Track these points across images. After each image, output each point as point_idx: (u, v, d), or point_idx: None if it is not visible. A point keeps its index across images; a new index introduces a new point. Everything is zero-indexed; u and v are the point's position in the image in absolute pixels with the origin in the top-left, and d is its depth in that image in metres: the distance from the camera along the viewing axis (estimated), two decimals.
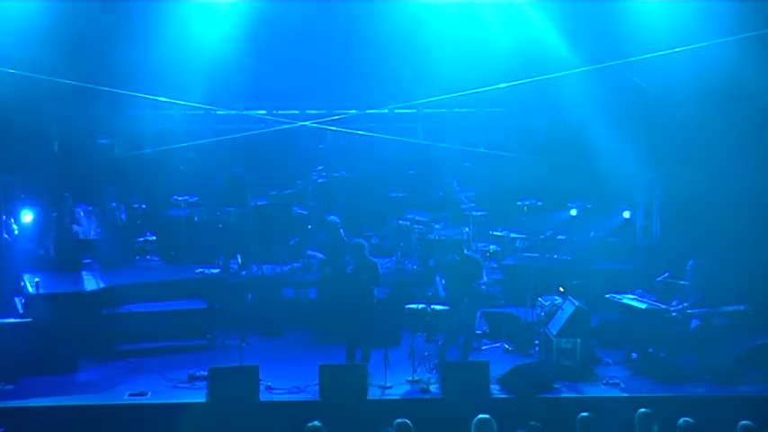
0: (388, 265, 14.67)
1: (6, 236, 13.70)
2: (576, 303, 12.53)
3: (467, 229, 14.97)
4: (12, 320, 12.56)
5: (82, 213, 14.50)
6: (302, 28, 15.26)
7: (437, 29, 14.95)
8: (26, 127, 14.59)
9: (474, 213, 15.75)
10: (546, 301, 12.97)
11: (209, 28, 14.73)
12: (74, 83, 13.88)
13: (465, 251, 12.83)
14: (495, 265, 14.85)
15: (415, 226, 15.38)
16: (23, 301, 12.79)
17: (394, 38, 15.00)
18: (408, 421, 9.23)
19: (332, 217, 14.05)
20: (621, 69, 14.15)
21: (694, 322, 12.41)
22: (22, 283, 13.05)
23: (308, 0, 14.91)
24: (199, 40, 14.83)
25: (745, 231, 13.28)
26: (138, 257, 14.86)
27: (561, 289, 13.23)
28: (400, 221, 15.69)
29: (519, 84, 14.36)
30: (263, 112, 16.34)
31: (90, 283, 13.32)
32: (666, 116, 14.27)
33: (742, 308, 12.49)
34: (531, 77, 14.27)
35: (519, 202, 15.96)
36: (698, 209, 14.00)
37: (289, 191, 15.94)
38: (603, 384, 12.04)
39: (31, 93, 14.00)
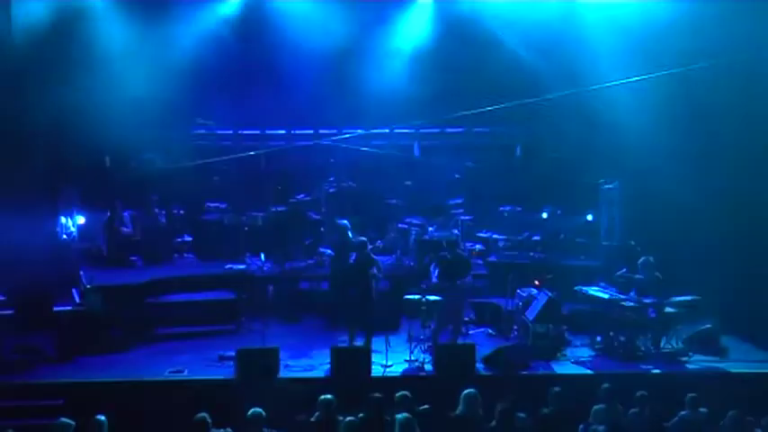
0: (389, 262, 14.52)
1: (65, 236, 13.65)
2: (549, 294, 12.56)
3: (456, 231, 14.89)
4: (70, 308, 12.62)
5: (129, 217, 14.50)
6: (319, 64, 15.28)
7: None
8: (83, 144, 14.47)
9: (462, 218, 15.70)
10: (523, 293, 13.00)
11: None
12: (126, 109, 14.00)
13: (457, 251, 12.77)
14: (481, 262, 14.79)
15: (412, 229, 15.38)
16: (80, 292, 12.80)
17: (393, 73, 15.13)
18: (408, 393, 9.38)
19: (341, 221, 13.96)
20: (587, 94, 14.09)
21: (650, 311, 12.33)
22: (79, 277, 12.99)
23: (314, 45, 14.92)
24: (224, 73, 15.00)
25: (693, 231, 13.19)
26: (176, 255, 14.86)
27: (536, 282, 13.21)
28: (399, 225, 15.66)
29: (500, 107, 14.32)
30: (283, 131, 16.35)
31: (135, 276, 13.30)
32: (625, 134, 14.11)
33: (690, 298, 12.43)
34: (512, 102, 14.20)
35: (500, 208, 15.91)
36: (652, 213, 13.92)
37: (305, 198, 15.86)
38: (572, 363, 12.12)
39: (88, 118, 13.98)
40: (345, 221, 13.94)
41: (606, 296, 12.73)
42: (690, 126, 13.34)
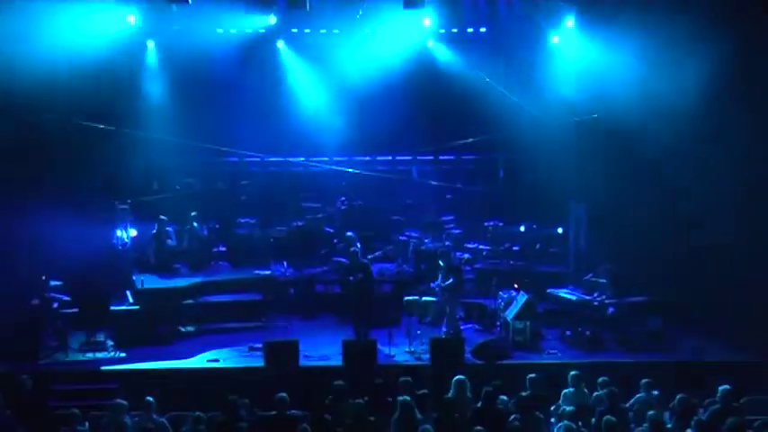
0: (392, 268, 14.52)
1: (121, 246, 13.64)
2: (527, 296, 12.54)
3: (447, 243, 14.83)
4: (125, 307, 12.70)
5: (173, 231, 14.46)
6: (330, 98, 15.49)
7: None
8: (136, 170, 14.72)
9: (453, 231, 15.66)
10: (505, 295, 12.97)
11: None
12: (173, 139, 14.28)
13: (450, 261, 12.84)
14: (468, 268, 14.69)
15: (411, 240, 15.27)
16: (133, 293, 12.82)
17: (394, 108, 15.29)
18: (410, 378, 9.48)
19: (348, 233, 13.99)
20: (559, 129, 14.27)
21: (610, 309, 12.44)
22: (132, 281, 13.06)
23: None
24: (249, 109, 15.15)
25: (645, 243, 13.14)
26: (212, 263, 14.77)
27: (516, 285, 13.20)
28: (400, 237, 15.59)
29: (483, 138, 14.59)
30: (302, 159, 16.29)
31: (179, 281, 13.31)
32: (589, 162, 14.16)
33: (641, 298, 12.52)
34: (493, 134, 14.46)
35: (485, 223, 15.81)
36: (612, 227, 13.85)
37: (320, 215, 15.82)
38: (546, 354, 12.06)
39: (139, 150, 14.32)
40: (352, 233, 13.91)
41: (574, 297, 12.87)
42: (639, 156, 13.35)
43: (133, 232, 13.92)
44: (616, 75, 13.47)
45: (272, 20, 14.69)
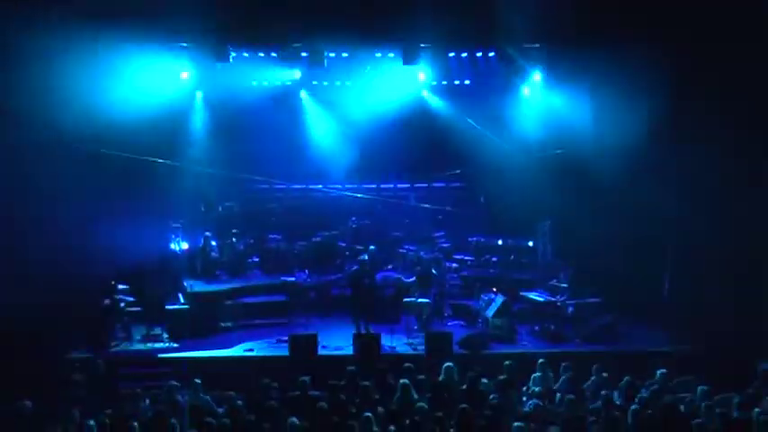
0: (393, 276, 14.25)
1: (174, 257, 13.68)
2: (503, 298, 12.52)
3: (439, 255, 14.54)
4: (177, 307, 12.76)
5: (216, 245, 14.50)
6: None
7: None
8: (185, 195, 14.64)
9: (443, 245, 15.49)
10: (486, 297, 12.88)
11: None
12: (216, 171, 14.37)
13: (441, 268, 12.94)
14: (456, 275, 14.61)
15: (409, 253, 15.06)
16: (183, 295, 12.93)
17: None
18: (411, 365, 9.49)
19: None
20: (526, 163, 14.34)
21: (570, 308, 12.44)
22: (182, 285, 13.18)
23: None
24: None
25: (600, 253, 13.03)
26: (248, 271, 14.73)
27: (495, 289, 13.14)
28: (400, 250, 15.41)
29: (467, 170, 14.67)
30: (320, 186, 16.17)
31: (220, 285, 13.38)
32: (552, 187, 14.06)
33: (598, 299, 12.51)
34: (475, 166, 14.54)
35: (469, 238, 15.68)
36: (572, 241, 13.81)
37: (335, 232, 15.68)
38: (520, 345, 12.02)
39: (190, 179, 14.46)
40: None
41: (541, 299, 12.80)
42: (592, 182, 13.34)
43: (185, 245, 13.96)
44: (573, 118, 13.65)
45: (296, 74, 14.83)
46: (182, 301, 12.88)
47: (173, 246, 13.74)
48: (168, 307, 12.59)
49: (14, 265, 11.06)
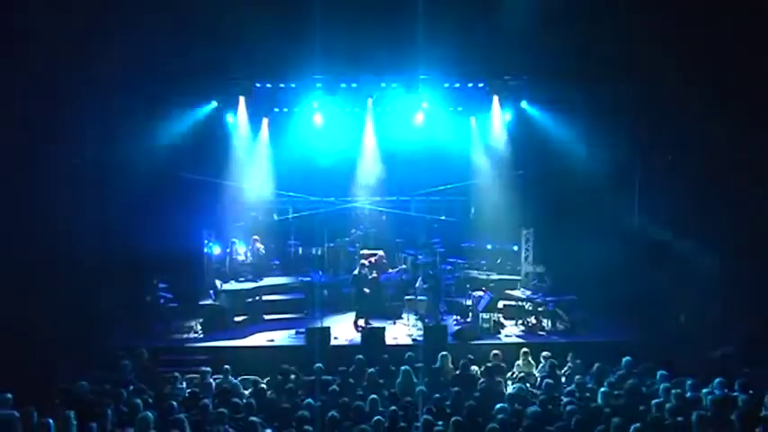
0: (396, 276, 14.32)
1: (207, 259, 13.61)
2: (491, 295, 12.53)
3: (436, 258, 14.61)
4: (209, 302, 12.66)
5: (243, 249, 14.44)
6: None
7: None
8: (216, 207, 14.61)
9: (439, 249, 15.11)
10: (476, 295, 12.85)
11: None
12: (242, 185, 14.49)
13: (438, 270, 13.01)
14: (451, 276, 14.39)
15: (409, 257, 15.04)
16: (214, 293, 12.85)
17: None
18: (413, 353, 9.53)
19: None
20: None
21: (549, 305, 12.43)
22: (214, 284, 13.08)
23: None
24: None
25: (576, 257, 12.94)
26: (270, 271, 14.66)
27: (484, 288, 13.18)
28: (401, 254, 15.40)
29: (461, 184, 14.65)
30: (333, 198, 16.06)
31: (246, 284, 13.31)
32: (535, 199, 14.17)
33: (573, 297, 12.51)
34: (468, 181, 14.58)
35: (462, 244, 15.64)
36: (551, 246, 13.76)
37: (346, 238, 15.61)
38: (504, 336, 12.00)
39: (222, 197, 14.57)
40: (366, 252, 13.87)
41: (524, 296, 12.84)
42: (569, 196, 13.42)
43: (217, 250, 13.92)
44: (553, 141, 13.83)
45: (315, 105, 14.79)
46: (213, 297, 12.79)
47: (206, 249, 13.70)
48: (201, 303, 12.58)
49: (102, 267, 12.01)
